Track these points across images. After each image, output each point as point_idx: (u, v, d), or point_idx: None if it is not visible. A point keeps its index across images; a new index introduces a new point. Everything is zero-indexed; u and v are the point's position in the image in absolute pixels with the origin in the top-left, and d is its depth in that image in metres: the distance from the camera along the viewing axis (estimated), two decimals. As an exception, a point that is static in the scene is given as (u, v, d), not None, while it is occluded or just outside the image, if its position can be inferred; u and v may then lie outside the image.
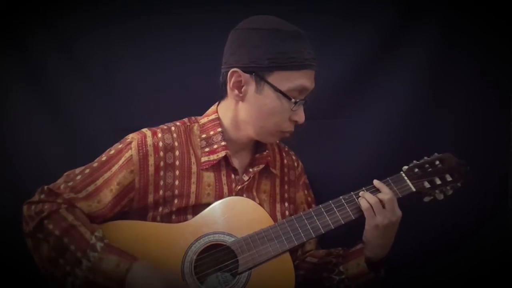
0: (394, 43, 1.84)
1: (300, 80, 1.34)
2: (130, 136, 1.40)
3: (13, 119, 1.81)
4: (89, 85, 1.83)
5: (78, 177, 1.37)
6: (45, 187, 1.37)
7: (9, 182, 1.80)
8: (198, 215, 1.37)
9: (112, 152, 1.39)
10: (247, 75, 1.35)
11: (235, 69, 1.35)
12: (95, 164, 1.39)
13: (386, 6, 1.82)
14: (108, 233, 1.33)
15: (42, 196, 1.35)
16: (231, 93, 1.39)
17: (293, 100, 1.34)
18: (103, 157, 1.39)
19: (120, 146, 1.39)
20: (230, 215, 1.38)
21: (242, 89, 1.36)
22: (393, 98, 1.85)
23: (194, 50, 1.80)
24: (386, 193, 1.36)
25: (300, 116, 1.38)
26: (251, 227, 1.35)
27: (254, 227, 1.35)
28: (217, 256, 1.34)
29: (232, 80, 1.36)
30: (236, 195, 1.42)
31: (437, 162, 1.45)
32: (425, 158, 1.46)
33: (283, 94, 1.34)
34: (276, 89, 1.33)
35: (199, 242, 1.34)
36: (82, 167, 1.40)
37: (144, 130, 1.41)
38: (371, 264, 1.41)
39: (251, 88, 1.35)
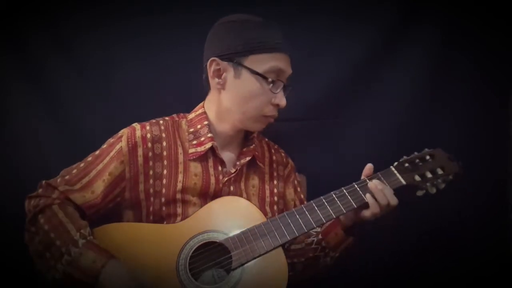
0: (394, 43, 1.84)
1: (273, 61, 1.41)
2: (122, 131, 1.47)
3: (13, 119, 1.81)
4: (89, 85, 1.83)
5: (74, 171, 1.44)
6: (44, 182, 1.43)
7: (9, 182, 1.80)
8: (193, 215, 1.40)
9: (105, 146, 1.47)
10: (225, 63, 1.42)
11: (213, 57, 1.42)
12: (89, 159, 1.46)
13: (386, 6, 1.82)
14: (106, 235, 1.37)
15: (40, 191, 1.42)
16: (212, 82, 1.46)
17: (270, 79, 1.40)
18: (97, 152, 1.47)
19: (112, 140, 1.46)
20: (224, 214, 1.41)
21: (222, 77, 1.44)
22: (393, 98, 1.85)
23: (194, 50, 1.79)
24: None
25: (281, 99, 1.44)
26: (244, 224, 1.37)
27: (248, 224, 1.37)
28: (211, 253, 1.36)
29: (212, 69, 1.44)
30: (223, 186, 1.46)
31: (428, 157, 1.45)
32: (415, 153, 1.46)
33: (260, 75, 1.40)
34: (253, 71, 1.40)
35: (193, 240, 1.35)
36: (78, 162, 1.46)
37: (134, 124, 1.48)
38: (348, 229, 1.45)
39: (230, 74, 1.43)
